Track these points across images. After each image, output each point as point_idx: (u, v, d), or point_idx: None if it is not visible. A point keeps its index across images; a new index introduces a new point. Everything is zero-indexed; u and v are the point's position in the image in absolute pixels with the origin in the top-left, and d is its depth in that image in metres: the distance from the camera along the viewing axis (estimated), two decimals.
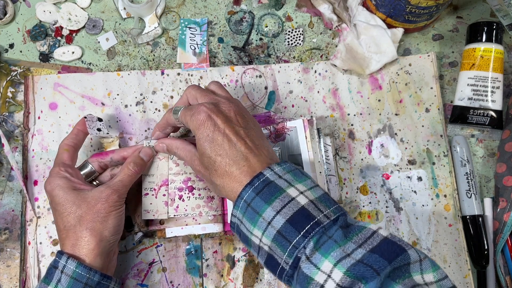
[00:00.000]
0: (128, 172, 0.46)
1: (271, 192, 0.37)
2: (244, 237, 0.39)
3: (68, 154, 0.47)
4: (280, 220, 0.36)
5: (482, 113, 0.54)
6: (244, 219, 0.38)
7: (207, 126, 0.41)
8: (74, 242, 0.42)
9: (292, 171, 0.39)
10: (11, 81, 0.55)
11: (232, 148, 0.40)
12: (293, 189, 0.37)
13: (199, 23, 0.58)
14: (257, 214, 0.37)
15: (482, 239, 0.52)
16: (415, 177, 0.55)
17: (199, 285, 0.51)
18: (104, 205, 0.43)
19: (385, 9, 0.55)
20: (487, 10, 0.60)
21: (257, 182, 0.38)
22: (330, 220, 0.35)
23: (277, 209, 0.36)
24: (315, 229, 0.35)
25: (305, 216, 0.35)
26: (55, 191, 0.44)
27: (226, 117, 0.42)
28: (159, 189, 0.49)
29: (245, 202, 0.38)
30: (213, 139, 0.40)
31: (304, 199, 0.36)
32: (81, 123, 0.49)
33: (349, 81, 0.57)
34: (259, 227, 0.37)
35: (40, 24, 0.57)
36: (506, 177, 0.52)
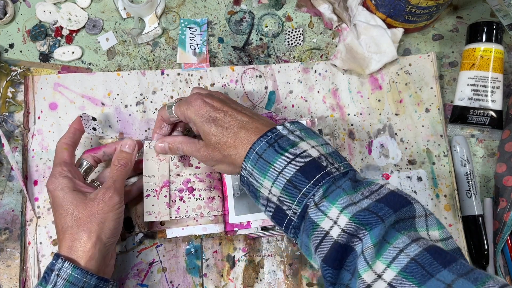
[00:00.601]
0: (115, 168, 0.46)
1: (283, 144, 0.38)
2: (253, 190, 0.39)
3: (68, 153, 0.47)
4: (291, 170, 0.36)
5: (482, 113, 0.54)
6: (255, 171, 0.38)
7: (206, 109, 0.42)
8: (70, 243, 0.42)
9: (304, 129, 0.40)
10: (11, 81, 0.55)
11: (235, 119, 0.42)
12: (305, 143, 0.38)
13: (199, 23, 0.58)
14: (268, 164, 0.37)
15: (482, 239, 0.52)
16: (415, 177, 0.55)
17: (199, 285, 0.51)
18: (101, 205, 0.43)
19: (385, 9, 0.55)
20: (487, 10, 0.60)
21: (270, 135, 0.39)
22: (340, 172, 0.36)
23: (288, 159, 0.37)
24: (325, 178, 0.35)
25: (315, 167, 0.36)
26: (56, 192, 0.43)
27: (221, 100, 0.44)
28: (161, 190, 0.49)
29: (256, 154, 0.38)
30: (215, 117, 0.42)
31: (315, 152, 0.37)
32: (77, 122, 0.49)
33: (349, 81, 0.57)
34: (270, 177, 0.37)
35: (40, 24, 0.57)
36: (506, 177, 0.53)
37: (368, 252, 0.32)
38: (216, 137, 0.41)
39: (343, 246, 0.34)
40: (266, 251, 0.52)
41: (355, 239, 0.33)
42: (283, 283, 0.51)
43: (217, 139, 0.41)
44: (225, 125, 0.41)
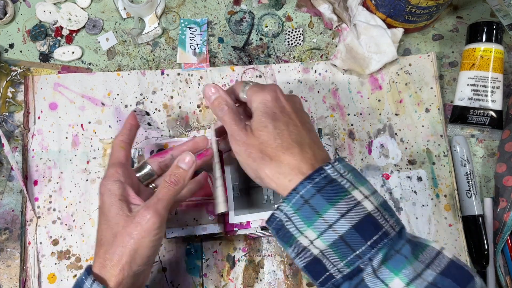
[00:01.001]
0: (166, 186, 0.40)
1: (335, 191, 0.34)
2: (286, 235, 0.35)
3: (124, 152, 0.43)
4: (344, 225, 0.32)
5: (482, 113, 0.54)
6: (296, 217, 0.34)
7: (275, 104, 0.39)
8: (102, 262, 0.38)
9: (351, 170, 0.36)
10: (11, 81, 0.55)
11: (297, 130, 0.38)
12: (357, 192, 0.34)
13: (199, 23, 0.58)
14: (317, 213, 0.33)
15: (482, 239, 0.52)
16: (415, 177, 0.55)
17: (199, 285, 0.51)
18: (137, 228, 0.37)
19: (385, 9, 0.55)
20: (487, 10, 0.60)
21: (318, 177, 0.34)
22: (395, 232, 0.33)
23: (341, 211, 0.33)
24: (384, 240, 0.32)
25: (372, 224, 0.33)
26: (104, 196, 0.40)
27: (294, 106, 0.40)
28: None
29: (301, 198, 0.34)
30: (279, 117, 0.38)
31: (370, 205, 0.33)
32: (132, 117, 0.45)
33: (349, 81, 0.57)
34: (316, 228, 0.33)
35: (40, 24, 0.57)
36: (506, 177, 0.53)
37: None
38: (268, 135, 0.37)
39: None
40: (266, 251, 0.52)
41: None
42: (283, 283, 0.51)
43: (267, 137, 0.37)
44: (282, 132, 0.37)
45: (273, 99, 0.39)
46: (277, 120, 0.38)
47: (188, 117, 0.55)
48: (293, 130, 0.38)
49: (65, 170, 0.53)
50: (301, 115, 0.40)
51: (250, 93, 0.41)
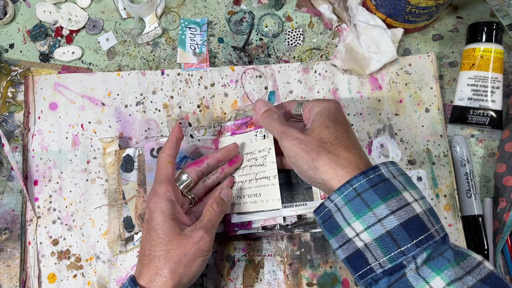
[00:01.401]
0: (215, 212, 0.43)
1: (387, 189, 0.35)
2: (333, 225, 0.36)
3: (172, 167, 0.44)
4: (393, 221, 0.34)
5: (482, 113, 0.54)
6: (346, 208, 0.35)
7: (337, 112, 0.41)
8: (152, 276, 0.39)
9: (403, 174, 0.37)
10: (11, 81, 0.55)
11: (355, 137, 0.40)
12: (408, 194, 0.35)
13: (199, 23, 0.58)
14: (368, 207, 0.34)
15: (482, 239, 0.52)
16: (415, 177, 0.55)
17: (199, 285, 0.51)
18: (194, 247, 0.40)
19: (385, 9, 0.55)
20: (487, 10, 0.60)
21: (373, 174, 0.36)
22: (440, 237, 0.34)
23: (392, 208, 0.34)
24: (429, 242, 0.33)
25: (420, 225, 0.34)
26: (155, 214, 0.41)
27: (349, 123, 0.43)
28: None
29: (354, 190, 0.35)
30: (340, 122, 0.40)
31: (419, 208, 0.34)
32: (177, 130, 0.46)
33: (349, 81, 0.57)
34: (365, 221, 0.34)
35: (40, 24, 0.57)
36: (506, 177, 0.53)
37: None
38: (329, 134, 0.39)
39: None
40: (266, 251, 0.52)
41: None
42: (283, 283, 0.51)
43: (327, 135, 0.39)
44: (343, 134, 0.39)
45: (336, 108, 0.42)
46: (339, 124, 0.40)
47: (188, 117, 0.55)
48: (351, 135, 0.40)
49: (65, 170, 0.53)
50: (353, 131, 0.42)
51: (310, 104, 0.43)
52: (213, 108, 0.56)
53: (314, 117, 0.41)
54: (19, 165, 0.53)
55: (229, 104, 0.56)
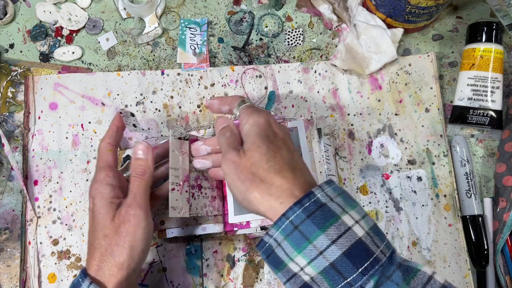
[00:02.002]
0: (133, 180, 0.42)
1: (325, 216, 0.33)
2: (276, 260, 0.35)
3: (112, 155, 0.44)
4: (335, 252, 0.32)
5: (482, 113, 0.54)
6: (286, 243, 0.34)
7: (269, 128, 0.39)
8: (99, 264, 0.39)
9: (341, 193, 0.35)
10: (11, 81, 0.55)
11: (290, 154, 0.38)
12: (348, 217, 0.33)
13: (199, 23, 0.58)
14: (307, 240, 0.33)
15: (482, 239, 0.52)
16: (415, 177, 0.55)
17: (199, 285, 0.51)
18: (126, 226, 0.39)
19: (385, 9, 0.55)
20: (487, 10, 0.60)
21: (308, 202, 0.34)
22: (386, 258, 0.33)
23: (332, 238, 0.32)
24: (375, 267, 0.32)
25: (363, 251, 0.32)
26: (96, 199, 0.41)
27: (285, 134, 0.41)
28: (183, 184, 0.47)
29: (291, 223, 0.33)
30: (272, 140, 0.38)
31: (360, 230, 0.33)
32: (117, 119, 0.46)
33: (349, 81, 0.57)
34: (306, 255, 0.33)
35: (40, 24, 0.57)
36: (506, 177, 0.53)
37: None
38: (260, 156, 0.37)
39: None
40: None
41: None
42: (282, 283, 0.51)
43: (259, 158, 0.37)
44: (275, 154, 0.37)
45: (266, 123, 0.39)
46: (271, 143, 0.38)
47: (188, 117, 0.55)
48: (285, 154, 0.38)
49: (65, 170, 0.53)
50: (292, 143, 0.40)
51: (243, 113, 0.41)
52: None
53: (246, 134, 0.39)
54: (19, 165, 0.53)
55: None
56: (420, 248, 0.53)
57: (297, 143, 0.51)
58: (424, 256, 0.52)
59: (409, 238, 0.53)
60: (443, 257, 0.53)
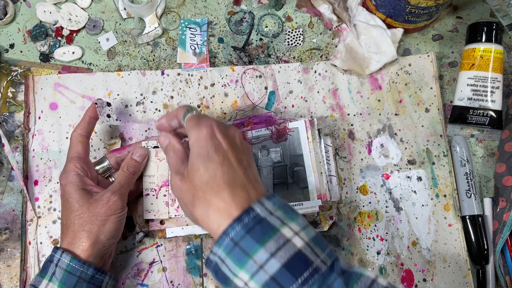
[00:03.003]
0: (125, 174, 0.46)
1: (264, 231, 0.34)
2: (223, 277, 0.35)
3: (82, 146, 0.46)
4: (274, 265, 0.32)
5: (482, 113, 0.54)
6: (228, 259, 0.34)
7: (208, 143, 0.38)
8: (70, 240, 0.43)
9: (282, 206, 0.36)
10: (11, 81, 0.55)
11: (231, 170, 0.37)
12: (287, 229, 0.34)
13: (199, 23, 0.58)
14: (247, 255, 0.33)
15: (482, 239, 0.52)
16: (415, 177, 0.55)
17: (199, 285, 0.51)
18: (104, 208, 0.43)
19: (385, 9, 0.55)
20: (487, 10, 0.60)
21: (247, 218, 0.34)
22: (327, 267, 0.34)
23: (271, 251, 0.33)
24: (314, 276, 0.32)
25: (302, 261, 0.33)
26: (66, 187, 0.44)
27: (232, 142, 0.40)
28: (160, 189, 0.49)
29: (231, 241, 0.34)
30: (212, 157, 0.38)
31: (300, 241, 0.34)
32: (92, 110, 0.48)
33: (349, 81, 0.57)
34: (248, 270, 0.33)
35: (41, 24, 0.57)
36: (505, 177, 0.53)
37: None
38: (200, 178, 0.37)
39: None
40: None
41: None
42: None
43: (199, 181, 0.37)
44: (215, 174, 0.37)
45: (207, 137, 0.38)
46: (210, 161, 0.37)
47: None
48: (226, 171, 0.37)
49: None
50: (239, 151, 0.39)
51: (188, 126, 0.41)
52: (213, 108, 0.56)
53: (190, 152, 0.39)
54: (19, 165, 0.53)
55: (229, 104, 0.56)
56: (420, 248, 0.53)
57: (298, 144, 0.51)
58: (424, 256, 0.52)
59: (409, 238, 0.53)
60: (443, 257, 0.53)
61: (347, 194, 0.54)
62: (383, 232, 0.53)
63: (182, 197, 0.39)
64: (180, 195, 0.39)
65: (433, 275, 0.52)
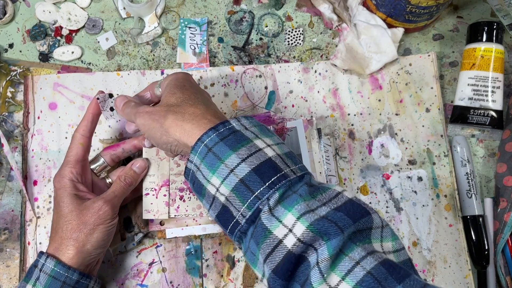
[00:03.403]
0: (121, 184, 0.46)
1: (238, 140, 0.35)
2: (199, 186, 0.36)
3: (82, 149, 0.46)
4: (244, 168, 0.33)
5: (483, 113, 0.54)
6: (202, 165, 0.35)
7: (185, 79, 0.42)
8: (57, 246, 0.43)
9: (258, 125, 0.37)
10: (10, 81, 0.55)
11: (204, 98, 0.40)
12: (260, 141, 0.35)
13: (199, 22, 0.58)
14: (219, 160, 0.34)
15: (483, 239, 0.52)
16: (415, 177, 0.55)
17: (199, 285, 0.51)
18: (93, 217, 0.43)
19: (385, 9, 0.54)
20: (488, 10, 0.60)
21: (222, 128, 0.36)
22: (296, 176, 0.34)
23: (242, 157, 0.34)
24: (282, 181, 0.33)
25: (272, 168, 0.34)
26: (59, 191, 0.44)
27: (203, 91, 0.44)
28: (160, 189, 0.49)
29: (205, 146, 0.35)
30: (187, 88, 0.41)
31: (271, 152, 0.35)
32: (94, 106, 0.46)
33: (349, 81, 0.57)
34: (219, 174, 0.34)
35: (40, 24, 0.57)
36: (506, 177, 0.52)
37: (324, 264, 0.30)
38: (176, 99, 0.39)
39: (297, 257, 0.31)
40: None
41: (310, 249, 0.31)
42: None
43: (174, 100, 0.39)
44: (190, 96, 0.39)
45: (183, 77, 0.42)
46: (186, 89, 0.40)
47: None
48: (200, 97, 0.40)
49: None
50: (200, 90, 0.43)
51: (164, 80, 0.44)
52: None
53: (164, 90, 0.42)
54: (18, 165, 0.53)
55: (229, 104, 0.56)
56: (421, 249, 0.53)
57: (296, 143, 0.51)
58: (425, 257, 0.52)
59: (409, 238, 0.53)
60: (443, 257, 0.52)
61: None
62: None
63: (152, 116, 0.39)
64: (150, 116, 0.39)
65: (434, 276, 0.52)
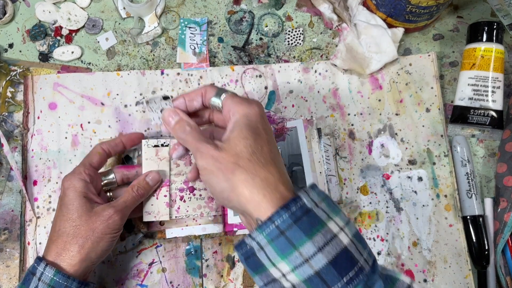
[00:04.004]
0: (132, 194, 0.45)
1: (312, 223, 0.32)
2: (256, 264, 0.33)
3: (99, 158, 0.46)
4: (321, 260, 0.31)
5: (483, 113, 0.54)
6: (270, 247, 0.32)
7: (259, 120, 0.37)
8: (59, 251, 0.41)
9: (325, 199, 0.35)
10: (10, 81, 0.55)
11: (276, 151, 0.36)
12: (333, 224, 0.33)
13: (199, 22, 0.58)
14: (292, 246, 0.32)
15: (483, 240, 0.52)
16: (415, 177, 0.55)
17: (199, 285, 0.51)
18: (102, 224, 0.42)
19: (385, 9, 0.54)
20: (488, 10, 0.60)
21: (294, 207, 0.33)
22: (369, 267, 0.33)
23: (319, 245, 0.31)
24: (359, 277, 0.32)
25: (348, 260, 0.32)
26: (68, 191, 0.43)
27: (272, 130, 0.40)
28: (160, 190, 0.49)
29: (277, 228, 0.32)
30: (261, 133, 0.36)
31: (345, 238, 0.32)
32: (129, 137, 0.48)
33: (349, 81, 0.57)
34: (291, 261, 0.32)
35: (40, 24, 0.57)
36: (506, 177, 0.52)
37: None
38: (246, 147, 0.35)
39: None
40: None
41: None
42: None
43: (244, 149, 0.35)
44: (262, 148, 0.36)
45: (258, 115, 0.37)
46: (259, 136, 0.36)
47: None
48: (272, 149, 0.36)
49: (64, 170, 0.53)
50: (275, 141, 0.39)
51: (229, 103, 0.38)
52: None
53: (233, 126, 0.37)
54: (18, 165, 0.53)
55: None
56: (421, 249, 0.53)
57: (296, 143, 0.51)
58: (425, 257, 0.52)
59: (409, 238, 0.53)
60: (443, 257, 0.52)
61: (347, 194, 0.54)
62: (384, 233, 0.53)
63: (218, 165, 0.35)
64: (215, 163, 0.35)
65: (434, 276, 0.52)
